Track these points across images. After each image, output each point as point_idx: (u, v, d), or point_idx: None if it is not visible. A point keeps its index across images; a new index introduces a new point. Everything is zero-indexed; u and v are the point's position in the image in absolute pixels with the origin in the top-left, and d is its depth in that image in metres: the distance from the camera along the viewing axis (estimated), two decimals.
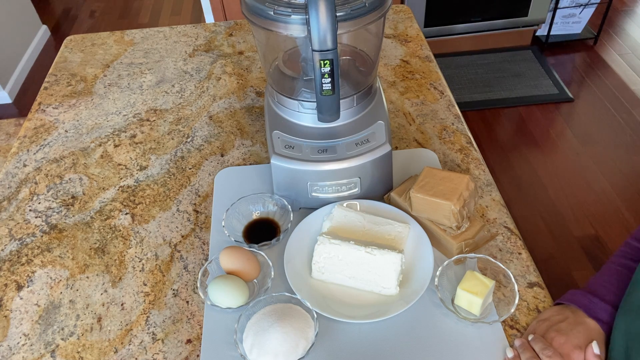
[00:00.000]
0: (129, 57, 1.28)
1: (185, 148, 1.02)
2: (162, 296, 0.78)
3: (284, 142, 0.82)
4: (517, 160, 2.17)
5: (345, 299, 0.74)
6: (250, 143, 1.02)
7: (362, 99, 0.83)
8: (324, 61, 0.68)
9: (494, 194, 0.89)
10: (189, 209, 0.90)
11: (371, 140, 0.81)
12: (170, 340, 0.73)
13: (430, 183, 0.76)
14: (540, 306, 0.73)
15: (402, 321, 0.72)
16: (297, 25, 0.71)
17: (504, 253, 0.80)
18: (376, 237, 0.78)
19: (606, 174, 2.08)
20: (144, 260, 0.83)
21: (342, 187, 0.82)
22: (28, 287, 0.80)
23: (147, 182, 0.96)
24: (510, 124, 2.34)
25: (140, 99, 1.15)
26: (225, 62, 1.24)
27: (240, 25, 1.37)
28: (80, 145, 1.05)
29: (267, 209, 0.86)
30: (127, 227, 0.88)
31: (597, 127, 2.29)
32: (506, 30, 2.66)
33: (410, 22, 1.33)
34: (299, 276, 0.75)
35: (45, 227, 0.89)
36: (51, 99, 1.17)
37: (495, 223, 0.84)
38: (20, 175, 0.99)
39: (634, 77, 2.53)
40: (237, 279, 0.73)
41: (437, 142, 1.00)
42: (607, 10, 2.65)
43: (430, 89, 1.12)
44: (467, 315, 0.71)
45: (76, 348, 0.72)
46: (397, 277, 0.72)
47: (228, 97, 1.14)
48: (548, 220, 1.92)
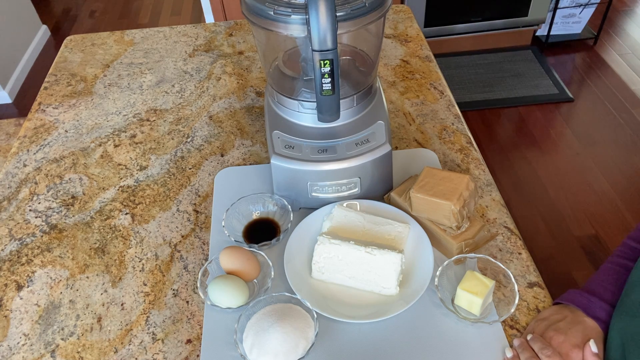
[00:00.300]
0: (129, 57, 1.28)
1: (185, 148, 1.02)
2: (162, 296, 0.78)
3: (284, 142, 0.82)
4: (517, 160, 2.17)
5: (345, 299, 0.74)
6: (250, 143, 1.02)
7: (362, 99, 0.83)
8: (324, 61, 0.68)
9: (494, 194, 0.89)
10: (189, 209, 0.90)
11: (371, 140, 0.81)
12: (170, 340, 0.73)
13: (430, 183, 0.76)
14: (540, 306, 0.73)
15: (402, 321, 0.72)
16: (297, 25, 0.71)
17: (504, 253, 0.80)
18: (376, 237, 0.78)
19: (606, 174, 2.08)
20: (144, 260, 0.83)
21: (342, 187, 0.82)
22: (28, 287, 0.80)
23: (147, 182, 0.96)
24: (510, 124, 2.34)
25: (140, 99, 1.15)
26: (225, 62, 1.24)
27: (240, 25, 1.37)
28: (80, 145, 1.05)
29: (267, 209, 0.86)
30: (127, 227, 0.88)
31: (597, 127, 2.29)
32: (506, 30, 2.66)
33: (410, 22, 1.33)
34: (299, 276, 0.75)
35: (45, 227, 0.89)
36: (51, 99, 1.17)
37: (495, 223, 0.84)
38: (20, 175, 0.99)
39: (634, 77, 2.53)
40: (237, 279, 0.73)
41: (437, 142, 1.00)
42: (607, 10, 2.65)
43: (430, 89, 1.12)
44: (467, 315, 0.71)
45: (76, 348, 0.72)
46: (397, 277, 0.72)
47: (228, 97, 1.14)
48: (548, 220, 1.92)
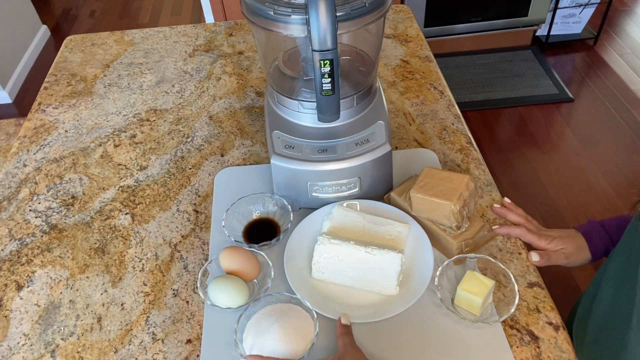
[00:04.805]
0: (129, 57, 1.28)
1: (185, 148, 1.02)
2: (162, 296, 0.78)
3: (284, 142, 0.82)
4: (517, 160, 2.17)
5: (345, 299, 0.74)
6: (250, 143, 1.02)
7: (362, 99, 0.83)
8: (324, 61, 0.68)
9: (494, 194, 0.89)
10: (189, 209, 0.90)
11: (371, 140, 0.81)
12: (170, 340, 0.73)
13: (430, 183, 0.76)
14: (540, 306, 0.73)
15: (402, 321, 0.71)
16: (297, 25, 0.71)
17: (504, 253, 0.80)
18: (376, 237, 0.78)
19: (606, 174, 2.08)
20: (144, 260, 0.83)
21: (342, 187, 0.82)
22: (28, 287, 0.80)
23: (147, 182, 0.96)
24: (510, 124, 2.34)
25: (140, 99, 1.15)
26: (225, 62, 1.24)
27: (240, 25, 1.37)
28: (80, 145, 1.05)
29: (267, 209, 0.86)
30: (127, 227, 0.88)
31: (597, 127, 2.29)
32: (506, 30, 2.66)
33: (410, 22, 1.33)
34: (299, 276, 0.75)
35: (45, 227, 0.89)
36: (51, 99, 1.17)
37: (495, 223, 0.84)
38: (20, 175, 0.99)
39: (634, 77, 2.53)
40: (237, 279, 0.73)
41: (437, 142, 1.00)
42: (607, 10, 2.65)
43: (430, 89, 1.12)
44: (467, 315, 0.71)
45: (76, 348, 0.72)
46: (397, 277, 0.72)
47: (228, 97, 1.14)
48: (548, 220, 1.92)
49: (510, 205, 0.81)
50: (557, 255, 0.76)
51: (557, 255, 0.76)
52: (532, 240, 0.77)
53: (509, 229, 0.78)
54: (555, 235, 0.77)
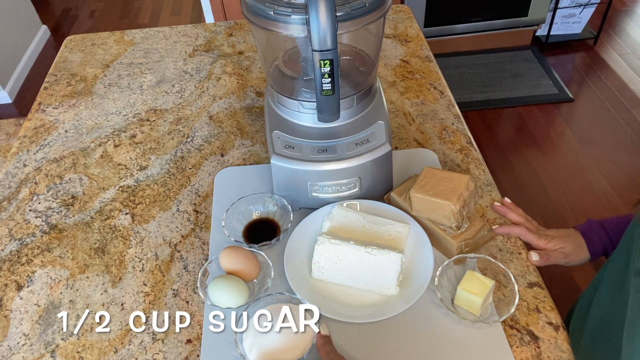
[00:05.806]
0: (129, 57, 1.28)
1: (185, 148, 1.02)
2: (162, 296, 0.78)
3: (284, 142, 0.82)
4: (517, 160, 2.17)
5: (345, 299, 0.74)
6: (250, 143, 1.02)
7: (362, 99, 0.83)
8: (324, 61, 0.68)
9: (494, 194, 0.89)
10: (189, 209, 0.90)
11: (371, 140, 0.81)
12: (170, 340, 0.73)
13: (430, 183, 0.76)
14: (540, 306, 0.73)
15: (402, 321, 0.71)
16: (297, 25, 0.71)
17: (504, 253, 0.80)
18: (376, 237, 0.78)
19: (606, 174, 2.08)
20: (144, 260, 0.83)
21: (342, 187, 0.82)
22: (28, 287, 0.80)
23: (147, 182, 0.96)
24: (510, 124, 2.34)
25: (140, 99, 1.15)
26: (225, 62, 1.24)
27: (240, 25, 1.37)
28: (80, 145, 1.05)
29: (267, 209, 0.86)
30: (127, 227, 0.88)
31: (597, 127, 2.29)
32: (506, 30, 2.66)
33: (410, 22, 1.33)
34: (299, 276, 0.75)
35: (45, 227, 0.89)
36: (51, 99, 1.17)
37: (495, 223, 0.84)
38: (20, 175, 0.99)
39: (634, 77, 2.53)
40: (237, 279, 0.73)
41: (437, 142, 1.00)
42: (607, 10, 2.65)
43: (430, 89, 1.12)
44: (467, 315, 0.71)
45: (76, 348, 0.72)
46: (397, 277, 0.72)
47: (228, 97, 1.14)
48: (548, 220, 1.92)
49: (511, 205, 0.81)
50: (556, 255, 0.76)
51: (556, 254, 0.76)
52: (532, 239, 0.77)
53: (509, 228, 0.78)
54: (554, 235, 0.77)
